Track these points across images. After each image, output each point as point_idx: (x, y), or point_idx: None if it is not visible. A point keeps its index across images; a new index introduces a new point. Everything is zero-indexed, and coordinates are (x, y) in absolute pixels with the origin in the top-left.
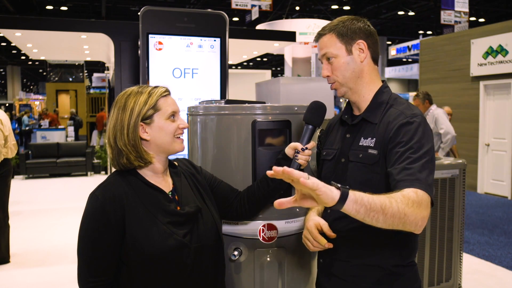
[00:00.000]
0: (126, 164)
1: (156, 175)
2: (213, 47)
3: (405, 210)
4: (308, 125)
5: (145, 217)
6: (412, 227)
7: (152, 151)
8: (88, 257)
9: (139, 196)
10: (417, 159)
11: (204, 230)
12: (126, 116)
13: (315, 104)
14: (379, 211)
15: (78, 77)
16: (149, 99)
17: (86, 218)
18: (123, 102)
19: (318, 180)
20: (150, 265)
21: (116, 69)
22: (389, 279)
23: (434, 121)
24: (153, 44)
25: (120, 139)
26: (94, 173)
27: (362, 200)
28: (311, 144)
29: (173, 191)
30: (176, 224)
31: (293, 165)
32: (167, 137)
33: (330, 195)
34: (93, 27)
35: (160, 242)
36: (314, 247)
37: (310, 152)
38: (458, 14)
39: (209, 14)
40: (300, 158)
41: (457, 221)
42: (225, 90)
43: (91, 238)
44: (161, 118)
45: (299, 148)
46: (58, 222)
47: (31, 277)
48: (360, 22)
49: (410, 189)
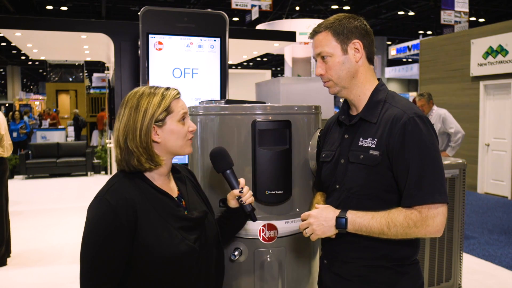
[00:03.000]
0: (137, 166)
1: (161, 178)
2: (213, 47)
3: (405, 231)
4: (225, 171)
5: (157, 222)
6: (425, 236)
7: (161, 153)
8: (95, 264)
9: (149, 200)
10: (424, 171)
11: (210, 236)
12: (139, 117)
13: (214, 154)
14: (379, 234)
15: (78, 77)
16: (163, 101)
17: (93, 223)
18: (135, 102)
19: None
20: (159, 270)
21: (116, 69)
22: (394, 277)
23: (442, 120)
24: (153, 44)
25: (132, 140)
26: (94, 173)
27: (360, 226)
28: (242, 181)
29: (180, 196)
30: (186, 229)
31: (247, 209)
32: (178, 141)
33: (330, 232)
34: (93, 27)
35: (173, 247)
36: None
37: (247, 188)
38: (458, 14)
39: (209, 14)
40: (246, 200)
41: (457, 221)
42: (225, 90)
43: (99, 244)
44: (173, 121)
45: (237, 194)
46: (58, 222)
47: (31, 277)
48: (356, 21)
49: (415, 209)
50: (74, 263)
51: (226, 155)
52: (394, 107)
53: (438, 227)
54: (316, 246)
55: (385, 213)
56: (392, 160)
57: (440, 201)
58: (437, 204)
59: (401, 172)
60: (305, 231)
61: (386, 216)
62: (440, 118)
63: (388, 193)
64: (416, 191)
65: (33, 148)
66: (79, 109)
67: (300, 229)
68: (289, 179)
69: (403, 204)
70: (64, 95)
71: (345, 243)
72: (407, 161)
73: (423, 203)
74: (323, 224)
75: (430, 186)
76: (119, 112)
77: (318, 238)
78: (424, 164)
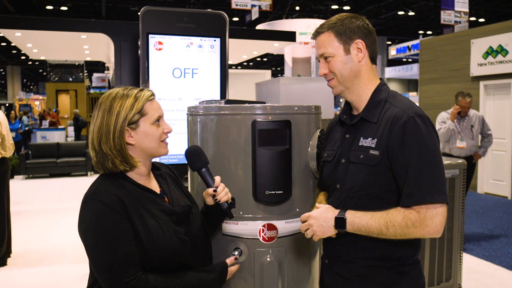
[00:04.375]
0: (112, 168)
1: (142, 178)
2: (213, 47)
3: (404, 231)
4: (200, 170)
5: (147, 217)
6: (424, 237)
7: (136, 155)
8: (112, 259)
9: (135, 197)
10: (423, 171)
11: (196, 228)
12: (112, 120)
13: (189, 152)
14: (378, 234)
15: (78, 77)
16: (135, 103)
17: (94, 223)
18: (108, 104)
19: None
20: (152, 263)
21: (116, 69)
22: (395, 277)
23: (482, 122)
24: (153, 44)
25: (105, 143)
26: (94, 173)
27: (358, 226)
28: (217, 180)
29: (162, 193)
30: (175, 223)
31: (224, 206)
32: (152, 143)
33: (330, 233)
34: (93, 27)
35: (166, 240)
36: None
37: (222, 186)
38: (458, 14)
39: (209, 14)
40: (221, 198)
41: (457, 221)
42: (225, 90)
43: (107, 238)
44: (146, 123)
45: (212, 192)
46: (58, 222)
47: (31, 277)
48: (359, 21)
49: (413, 209)
50: (74, 263)
51: (201, 153)
52: (395, 106)
53: (437, 227)
54: (316, 246)
55: (384, 213)
56: (392, 159)
57: (440, 201)
58: (436, 204)
59: (400, 172)
60: (306, 233)
61: (385, 216)
62: (480, 120)
63: (388, 193)
64: (415, 191)
65: (33, 148)
66: (79, 109)
67: (301, 231)
68: (289, 179)
69: (402, 204)
70: (64, 95)
71: (346, 243)
72: (406, 161)
73: (422, 203)
74: (322, 225)
75: (429, 186)
76: (93, 115)
77: (319, 238)
78: (423, 163)
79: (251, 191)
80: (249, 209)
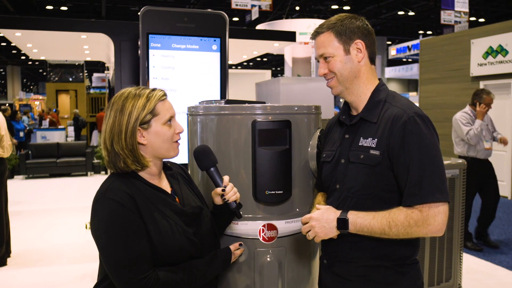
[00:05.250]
0: (124, 167)
1: (153, 177)
2: (213, 47)
3: (406, 231)
4: (209, 169)
5: (158, 216)
6: (427, 235)
7: (148, 155)
8: (125, 256)
9: (146, 196)
10: (425, 170)
11: (206, 229)
12: (124, 120)
13: (197, 152)
14: (380, 234)
15: (78, 77)
16: (147, 103)
17: (107, 221)
18: (120, 104)
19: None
20: (161, 262)
21: (116, 69)
22: (394, 277)
23: (491, 121)
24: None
25: (117, 142)
26: (94, 173)
27: (361, 227)
28: (226, 179)
29: (173, 193)
30: (185, 223)
31: (232, 206)
32: (164, 143)
33: (332, 234)
34: (93, 27)
35: (175, 240)
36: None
37: (231, 186)
38: (458, 14)
39: (209, 14)
40: (229, 198)
41: (457, 221)
42: (225, 90)
43: (120, 235)
44: (158, 123)
45: (220, 192)
46: (58, 222)
47: (31, 277)
48: (358, 21)
49: (415, 208)
50: (73, 263)
51: (209, 152)
52: (394, 106)
53: (440, 226)
54: (316, 246)
55: (386, 213)
56: (393, 159)
57: (441, 200)
58: (438, 203)
59: (402, 172)
60: (308, 234)
61: (387, 216)
62: (489, 119)
63: (388, 192)
64: (417, 190)
65: (33, 148)
66: (79, 109)
67: (302, 232)
68: (289, 179)
69: (404, 203)
70: (64, 95)
71: (345, 243)
72: (407, 161)
73: (424, 202)
74: (324, 226)
75: (430, 185)
76: (105, 115)
77: (321, 239)
78: (424, 163)
79: (251, 191)
80: (249, 209)
